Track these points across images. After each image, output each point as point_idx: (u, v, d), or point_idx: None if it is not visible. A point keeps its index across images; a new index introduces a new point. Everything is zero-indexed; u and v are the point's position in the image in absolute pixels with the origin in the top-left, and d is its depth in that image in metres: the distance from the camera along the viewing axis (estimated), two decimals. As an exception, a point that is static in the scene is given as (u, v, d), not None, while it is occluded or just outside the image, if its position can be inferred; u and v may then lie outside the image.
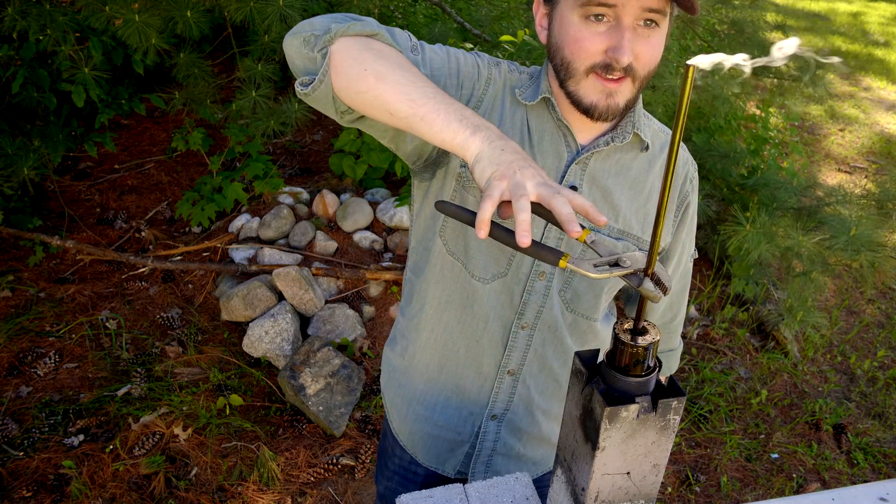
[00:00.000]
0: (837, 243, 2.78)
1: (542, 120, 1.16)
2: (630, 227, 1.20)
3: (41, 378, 2.86)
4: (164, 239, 3.66)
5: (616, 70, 1.01)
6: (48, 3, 2.73)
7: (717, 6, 4.14)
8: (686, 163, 1.26)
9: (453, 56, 1.13)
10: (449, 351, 1.30)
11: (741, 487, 2.64)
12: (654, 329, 0.85)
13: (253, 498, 2.42)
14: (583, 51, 1.01)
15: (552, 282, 1.21)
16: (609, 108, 1.05)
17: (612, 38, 0.99)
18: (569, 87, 1.07)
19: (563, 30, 1.04)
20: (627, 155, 1.18)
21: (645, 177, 1.20)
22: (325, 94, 0.98)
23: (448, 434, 1.37)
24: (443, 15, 3.55)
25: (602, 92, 1.04)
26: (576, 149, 1.15)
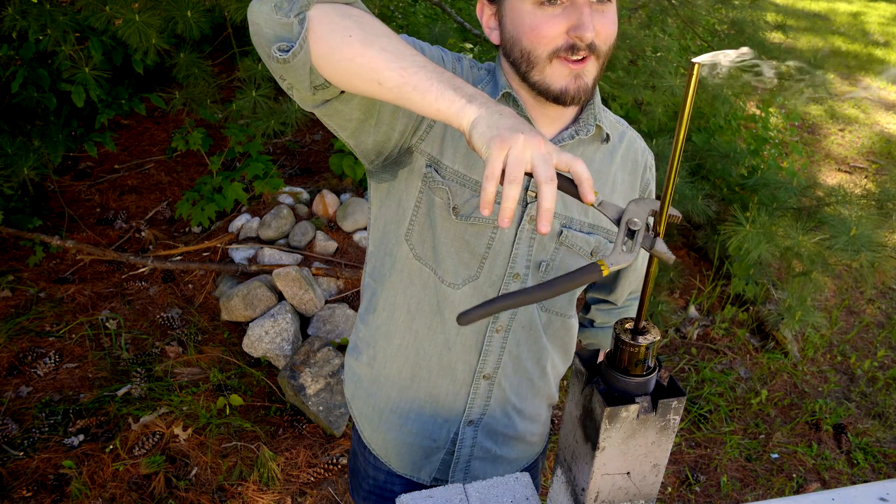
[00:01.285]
0: (837, 243, 2.78)
1: None
2: (600, 220, 1.20)
3: (41, 378, 2.86)
4: (164, 239, 3.66)
5: (580, 49, 1.00)
6: (48, 3, 2.73)
7: (717, 6, 4.14)
8: (644, 152, 1.27)
9: (418, 46, 1.10)
10: (421, 359, 1.26)
11: (741, 487, 2.64)
12: (655, 329, 0.85)
13: (253, 498, 2.42)
14: (543, 37, 1.00)
15: (527, 283, 1.19)
16: (580, 89, 1.04)
17: (571, 18, 0.98)
18: (533, 78, 1.05)
19: (518, 21, 1.02)
20: (590, 147, 1.18)
21: (608, 168, 1.20)
22: (303, 62, 0.88)
23: (423, 441, 1.33)
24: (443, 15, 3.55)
25: (569, 75, 1.03)
26: None
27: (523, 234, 1.15)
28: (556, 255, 1.19)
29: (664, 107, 3.46)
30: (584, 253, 1.20)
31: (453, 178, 1.13)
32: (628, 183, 1.23)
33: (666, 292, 3.53)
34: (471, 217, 1.13)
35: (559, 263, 1.19)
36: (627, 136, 1.24)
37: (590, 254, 1.21)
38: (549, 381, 1.36)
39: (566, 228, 1.17)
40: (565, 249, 1.19)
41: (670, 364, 3.19)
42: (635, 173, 1.24)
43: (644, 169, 1.26)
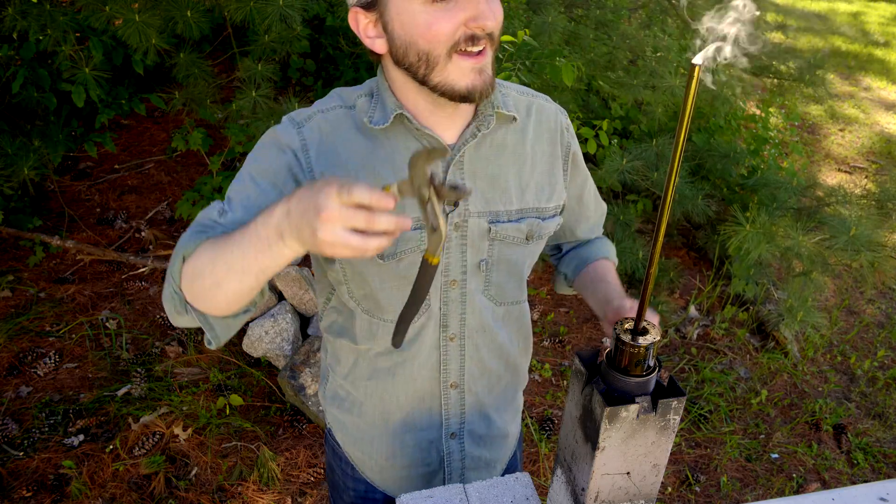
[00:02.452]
0: (837, 243, 2.78)
1: (398, 139, 1.09)
2: (526, 202, 1.18)
3: (41, 378, 2.86)
4: (164, 239, 3.66)
5: (481, 39, 0.97)
6: (48, 3, 2.73)
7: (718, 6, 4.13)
8: (556, 115, 1.23)
9: (258, 173, 1.06)
10: (389, 395, 1.26)
11: (741, 487, 2.64)
12: (655, 329, 0.85)
13: (253, 498, 2.42)
14: (440, 34, 0.96)
15: (466, 287, 1.18)
16: (486, 83, 1.01)
17: (468, 9, 0.95)
18: (434, 80, 1.00)
19: (410, 23, 0.97)
20: (498, 133, 1.14)
21: (522, 147, 1.17)
22: (216, 322, 1.04)
23: (419, 469, 1.35)
24: (443, 15, 3.54)
25: (472, 70, 0.99)
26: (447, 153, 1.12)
27: (451, 244, 1.14)
28: (493, 250, 1.17)
29: (664, 107, 3.46)
30: (520, 241, 1.19)
31: None
32: (549, 153, 1.21)
33: (666, 292, 3.53)
34: (396, 254, 1.11)
35: (498, 257, 1.18)
36: (535, 106, 1.20)
37: (525, 239, 1.19)
38: (517, 370, 1.36)
39: (493, 224, 1.15)
40: (499, 243, 1.17)
41: (670, 364, 3.19)
42: (554, 141, 1.21)
43: (560, 132, 1.22)
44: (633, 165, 3.31)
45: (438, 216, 0.83)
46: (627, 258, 3.27)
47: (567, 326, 3.34)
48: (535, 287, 3.58)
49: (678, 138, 0.73)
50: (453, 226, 1.12)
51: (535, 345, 3.24)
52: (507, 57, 2.59)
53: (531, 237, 1.20)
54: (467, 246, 1.15)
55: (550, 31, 2.97)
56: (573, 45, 3.28)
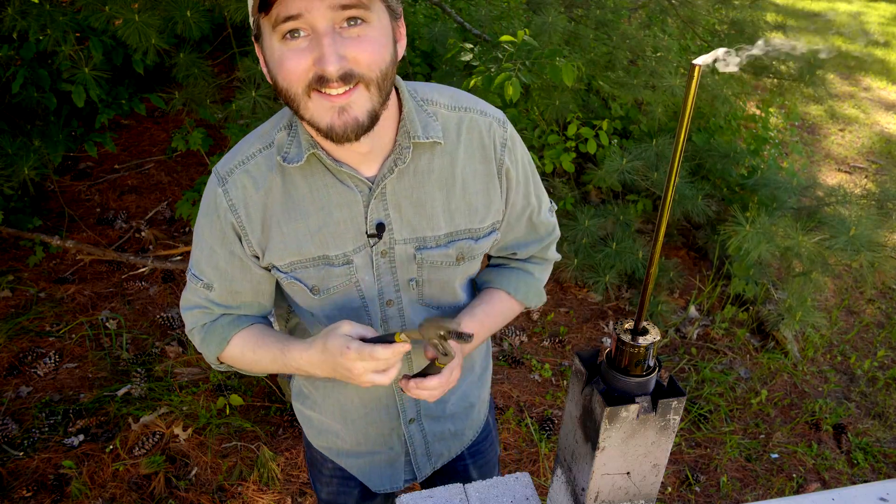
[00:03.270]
0: (837, 243, 2.78)
1: (316, 176, 1.07)
2: (456, 225, 1.15)
3: (41, 378, 2.86)
4: (164, 239, 3.67)
5: (332, 81, 0.91)
6: (48, 3, 2.73)
7: (717, 6, 4.14)
8: (490, 129, 1.14)
9: (213, 241, 1.14)
10: (344, 398, 1.32)
11: (741, 487, 2.64)
12: (655, 329, 0.85)
13: (253, 498, 2.42)
14: (292, 72, 0.93)
15: (402, 303, 1.20)
16: (347, 125, 0.95)
17: (315, 50, 0.91)
18: (305, 117, 0.97)
19: (270, 58, 0.95)
20: (422, 160, 1.09)
21: (451, 171, 1.12)
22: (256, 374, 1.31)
23: (384, 454, 1.41)
24: (443, 15, 3.55)
25: (331, 109, 0.94)
26: (367, 186, 1.08)
27: (381, 270, 1.15)
28: (422, 272, 1.18)
29: (664, 107, 3.46)
30: (450, 263, 1.18)
31: (291, 268, 1.13)
32: (483, 171, 1.14)
33: (666, 292, 3.53)
34: (329, 289, 1.15)
35: (428, 277, 1.19)
36: (467, 122, 1.12)
37: (455, 261, 1.18)
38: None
39: (419, 251, 1.15)
40: (428, 266, 1.17)
41: (670, 364, 3.19)
42: (486, 158, 1.14)
43: (494, 149, 1.14)
44: (633, 165, 3.31)
45: (448, 350, 1.03)
46: (627, 258, 3.27)
47: (567, 326, 3.34)
48: (535, 287, 3.58)
49: (678, 138, 0.73)
50: (380, 252, 1.13)
51: (535, 345, 3.24)
52: (507, 57, 2.59)
53: (462, 259, 1.18)
54: (396, 268, 1.16)
55: (550, 31, 2.97)
56: (573, 45, 3.28)
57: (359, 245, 1.12)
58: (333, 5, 0.89)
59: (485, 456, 1.55)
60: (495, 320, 1.28)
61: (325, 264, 1.12)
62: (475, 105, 1.14)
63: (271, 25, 0.91)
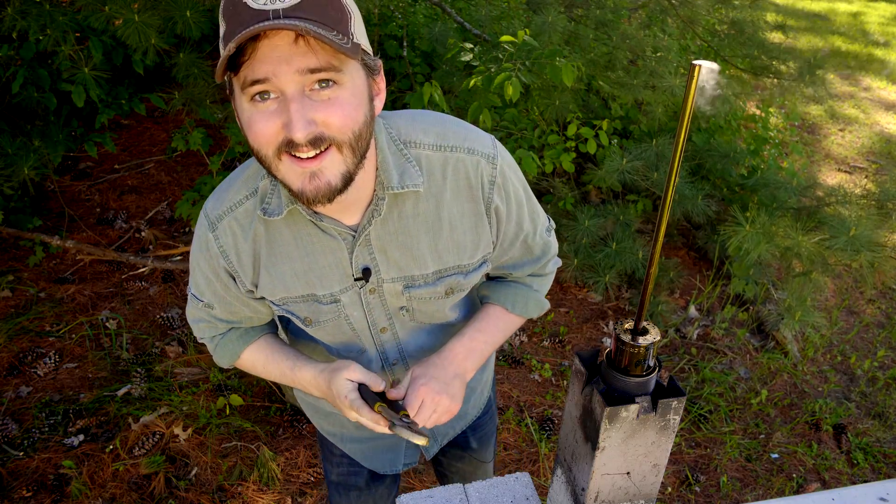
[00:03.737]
0: (837, 243, 2.78)
1: (299, 225, 1.06)
2: (445, 263, 1.14)
3: (41, 378, 2.86)
4: (164, 239, 3.67)
5: (301, 146, 0.88)
6: (48, 3, 2.72)
7: (717, 6, 4.14)
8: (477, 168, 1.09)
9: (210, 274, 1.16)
10: None
11: (741, 487, 2.64)
12: (655, 329, 0.85)
13: (253, 498, 2.42)
14: (261, 135, 0.89)
15: (395, 328, 1.24)
16: (319, 190, 0.92)
17: (283, 114, 0.87)
18: (277, 177, 0.94)
19: (241, 117, 0.92)
20: (407, 205, 1.07)
21: (436, 213, 1.09)
22: None
23: (384, 439, 1.46)
24: (443, 15, 3.54)
25: (302, 174, 0.91)
26: (350, 234, 1.07)
27: (371, 305, 1.18)
28: (412, 303, 1.19)
29: (664, 107, 3.46)
30: (439, 297, 1.19)
31: (282, 302, 1.16)
32: (469, 212, 1.11)
33: (666, 292, 3.53)
34: (320, 322, 1.19)
35: (417, 306, 1.21)
36: (452, 163, 1.08)
37: (444, 294, 1.19)
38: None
39: (408, 289, 1.16)
40: (416, 300, 1.19)
41: (670, 364, 3.19)
42: (474, 198, 1.11)
43: (481, 187, 1.10)
44: (633, 165, 3.31)
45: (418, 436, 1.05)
46: (627, 258, 3.27)
47: (567, 326, 3.34)
48: (535, 287, 3.58)
49: (678, 138, 0.73)
50: (368, 291, 1.15)
51: (535, 345, 3.24)
52: (507, 57, 2.59)
53: (451, 292, 1.19)
54: (386, 300, 1.18)
55: (550, 31, 2.97)
56: (573, 45, 3.28)
57: (345, 286, 1.13)
58: (301, 69, 0.84)
59: (484, 428, 1.61)
60: (493, 337, 1.27)
61: (313, 301, 1.15)
62: (463, 142, 1.09)
63: (240, 86, 0.88)
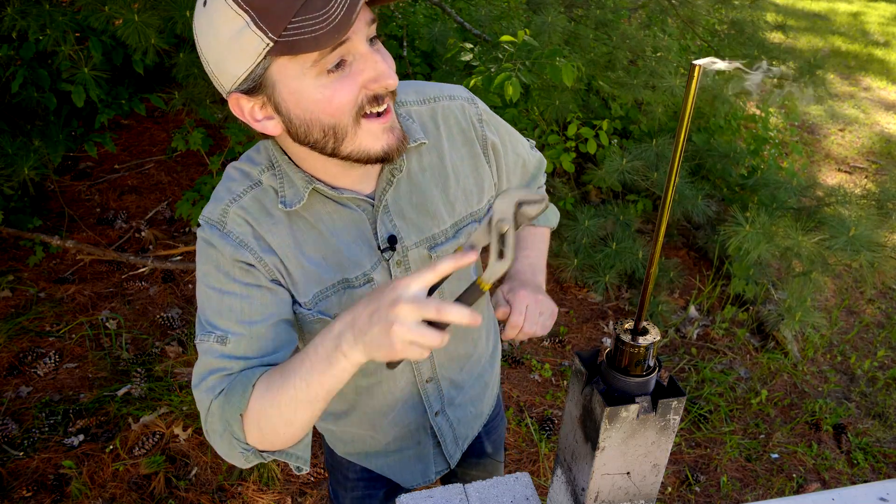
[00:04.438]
0: (837, 243, 2.78)
1: (317, 207, 1.05)
2: (458, 214, 1.16)
3: (41, 378, 2.86)
4: (164, 239, 3.67)
5: (384, 98, 0.92)
6: (48, 3, 2.72)
7: (717, 6, 4.14)
8: (462, 109, 1.15)
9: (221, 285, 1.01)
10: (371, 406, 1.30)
11: (741, 487, 2.64)
12: (655, 329, 0.85)
13: (253, 498, 2.42)
14: (344, 103, 0.89)
15: None
16: (398, 140, 0.97)
17: (364, 71, 0.89)
18: (346, 151, 0.94)
19: (307, 100, 0.89)
20: (413, 163, 1.10)
21: (441, 164, 1.13)
22: (296, 449, 1.02)
23: (412, 450, 1.41)
24: (443, 15, 3.54)
25: (382, 132, 0.94)
26: (369, 204, 1.08)
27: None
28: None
29: (664, 107, 3.46)
30: None
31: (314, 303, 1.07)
32: (468, 154, 1.16)
33: (666, 292, 3.53)
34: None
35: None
36: (440, 112, 1.13)
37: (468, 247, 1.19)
38: (479, 336, 1.38)
39: (433, 249, 1.14)
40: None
41: (670, 364, 3.19)
42: (468, 140, 1.16)
43: (472, 126, 1.16)
44: (633, 165, 3.31)
45: (510, 247, 0.82)
46: (627, 258, 3.27)
47: (567, 326, 3.34)
48: (535, 287, 3.58)
49: (678, 138, 0.73)
50: (396, 264, 1.11)
51: (535, 345, 3.24)
52: (507, 57, 2.59)
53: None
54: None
55: (550, 31, 2.97)
56: (573, 45, 3.28)
57: (374, 261, 1.10)
58: (368, 21, 0.89)
59: (497, 430, 1.61)
60: (537, 251, 1.34)
61: (345, 287, 1.09)
62: (440, 92, 1.15)
63: (310, 63, 0.86)
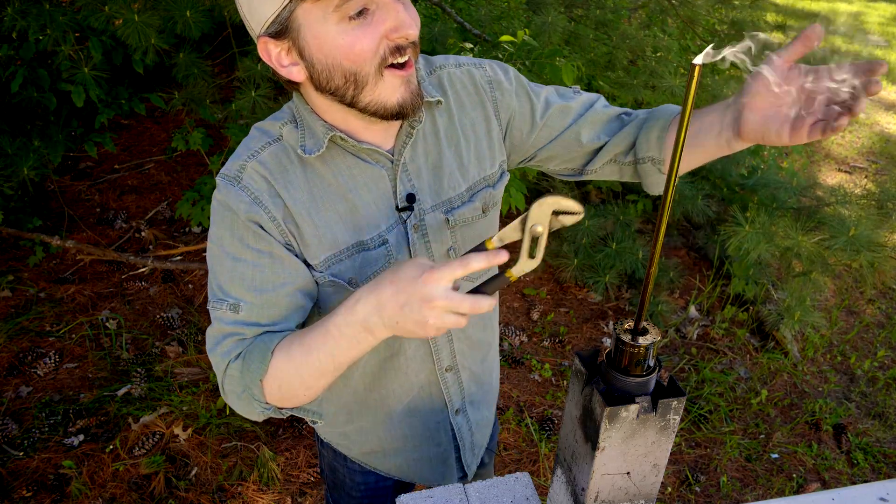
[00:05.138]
0: (837, 243, 2.77)
1: (336, 160, 1.05)
2: (472, 177, 1.16)
3: (41, 378, 2.85)
4: (164, 239, 3.67)
5: (406, 49, 0.93)
6: (48, 3, 2.72)
7: (717, 6, 4.14)
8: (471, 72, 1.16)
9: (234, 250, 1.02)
10: (386, 391, 1.26)
11: (741, 487, 2.64)
12: (655, 329, 0.85)
13: (253, 498, 2.42)
14: (366, 51, 0.91)
15: None
16: (414, 95, 0.98)
17: (387, 20, 0.91)
18: (365, 100, 0.96)
19: (329, 45, 0.91)
20: (427, 123, 1.11)
21: (452, 126, 1.14)
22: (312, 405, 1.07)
23: (431, 450, 1.37)
24: (443, 15, 3.54)
25: (401, 84, 0.96)
26: (389, 160, 1.08)
27: (416, 247, 1.12)
28: (456, 237, 1.16)
29: (664, 107, 3.45)
30: (478, 216, 1.17)
31: (327, 266, 1.06)
32: (480, 118, 1.16)
33: (666, 292, 3.53)
34: (369, 278, 1.09)
35: (461, 242, 1.17)
36: (445, 78, 1.14)
37: (482, 212, 1.17)
38: (493, 324, 1.37)
39: (449, 213, 1.13)
40: (460, 227, 1.16)
41: (670, 364, 3.19)
42: (480, 103, 1.16)
43: (482, 88, 1.16)
44: (633, 165, 3.30)
45: (541, 250, 0.86)
46: (627, 258, 3.27)
47: (567, 326, 3.34)
48: (535, 287, 3.58)
49: (678, 138, 0.73)
50: (412, 227, 1.11)
51: (535, 345, 3.24)
52: (507, 57, 2.59)
53: (487, 209, 1.19)
54: (430, 242, 1.14)
55: (550, 31, 2.97)
56: (573, 45, 3.28)
57: (391, 223, 1.09)
58: None
59: (494, 439, 1.59)
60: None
61: (361, 250, 1.08)
62: (447, 61, 1.15)
63: (332, 7, 0.88)
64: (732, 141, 1.00)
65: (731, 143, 1.01)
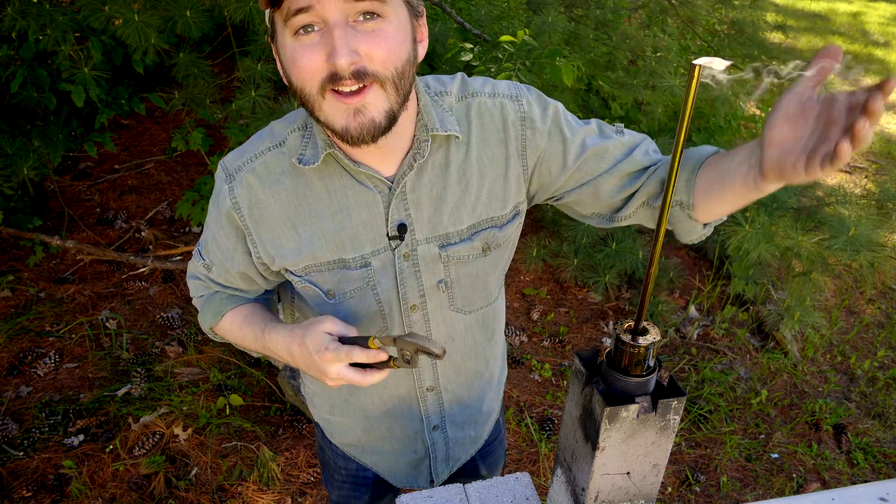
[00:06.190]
0: (837, 243, 2.77)
1: (333, 177, 1.04)
2: (478, 216, 1.10)
3: (41, 378, 2.85)
4: (164, 239, 3.67)
5: (344, 79, 0.88)
6: (48, 2, 2.73)
7: (717, 6, 4.14)
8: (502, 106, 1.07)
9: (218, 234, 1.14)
10: (365, 398, 1.29)
11: (741, 487, 2.64)
12: (655, 329, 0.85)
13: (253, 498, 2.42)
14: (305, 69, 0.89)
15: (427, 308, 1.15)
16: (363, 126, 0.91)
17: (326, 44, 0.87)
18: (320, 118, 0.94)
19: (285, 56, 0.92)
20: (439, 153, 1.06)
21: (467, 162, 1.07)
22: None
23: (407, 455, 1.39)
24: (443, 15, 3.54)
25: (346, 111, 0.91)
26: (387, 186, 1.05)
27: (403, 274, 1.11)
28: (449, 271, 1.13)
29: (664, 107, 3.46)
30: (477, 255, 1.13)
31: (305, 272, 1.10)
32: (501, 157, 1.08)
33: (666, 292, 3.52)
34: (345, 293, 1.11)
35: (455, 277, 1.14)
36: (475, 108, 1.07)
37: (482, 251, 1.13)
38: (493, 356, 1.36)
39: (444, 248, 1.10)
40: (454, 263, 1.12)
41: (670, 364, 3.19)
42: (505, 140, 1.08)
43: (509, 124, 1.07)
44: (633, 165, 3.30)
45: (414, 363, 0.99)
46: (627, 258, 3.27)
47: (567, 326, 3.34)
48: (535, 287, 3.58)
49: (678, 138, 0.73)
50: (402, 256, 1.09)
51: (535, 345, 3.24)
52: (507, 57, 2.59)
53: (488, 249, 1.14)
54: (420, 271, 1.11)
55: (550, 31, 2.97)
56: (573, 45, 3.28)
57: (378, 248, 1.08)
58: None
59: (494, 454, 1.56)
60: None
61: (340, 268, 1.08)
62: (483, 88, 1.09)
63: (283, 21, 0.89)
64: (759, 181, 0.88)
65: (757, 182, 0.89)
